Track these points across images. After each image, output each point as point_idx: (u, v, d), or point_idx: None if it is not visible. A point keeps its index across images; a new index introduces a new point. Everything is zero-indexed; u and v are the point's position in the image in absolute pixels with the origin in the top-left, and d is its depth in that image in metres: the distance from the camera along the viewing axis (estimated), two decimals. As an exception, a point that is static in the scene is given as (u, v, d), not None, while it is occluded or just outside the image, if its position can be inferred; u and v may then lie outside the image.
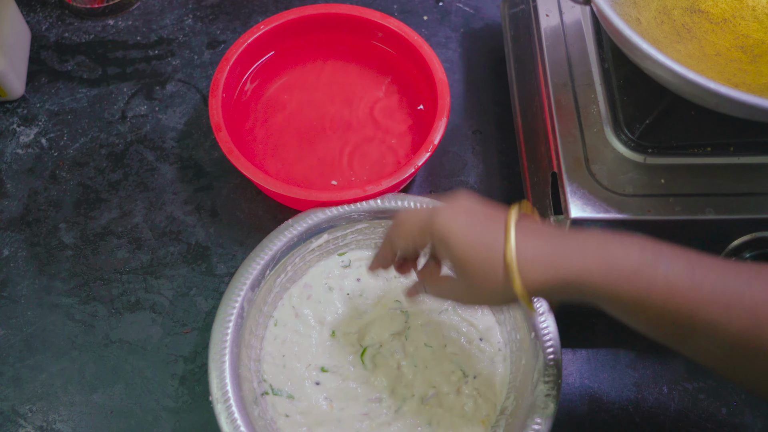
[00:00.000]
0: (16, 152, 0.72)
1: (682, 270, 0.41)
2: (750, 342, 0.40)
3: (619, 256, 0.42)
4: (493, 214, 0.46)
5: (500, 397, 0.59)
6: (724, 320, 0.40)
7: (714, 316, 0.40)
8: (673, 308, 0.41)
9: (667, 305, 0.41)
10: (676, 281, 0.41)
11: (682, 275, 0.41)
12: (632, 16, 0.59)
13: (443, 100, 0.67)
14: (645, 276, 0.41)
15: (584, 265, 0.42)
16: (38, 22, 0.81)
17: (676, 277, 0.41)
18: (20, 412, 0.60)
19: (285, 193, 0.62)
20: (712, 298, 0.40)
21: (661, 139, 0.57)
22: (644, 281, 0.41)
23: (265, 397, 0.59)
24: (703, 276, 0.41)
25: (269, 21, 0.71)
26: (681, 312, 0.41)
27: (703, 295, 0.40)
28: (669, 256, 0.42)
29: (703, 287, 0.40)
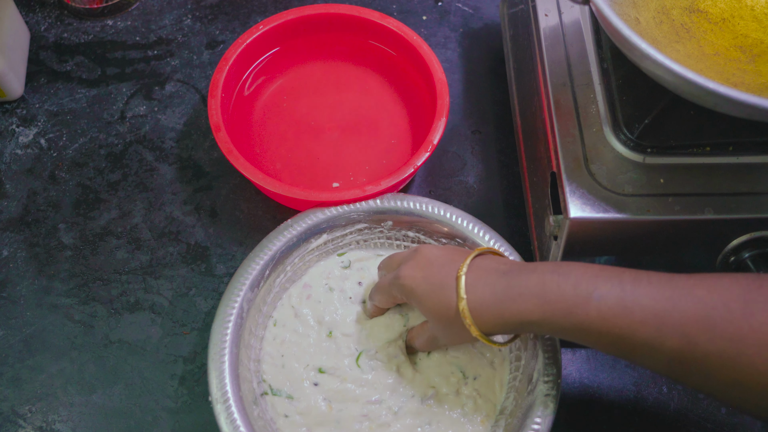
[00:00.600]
0: (15, 153, 0.72)
1: (614, 298, 0.44)
2: (685, 359, 0.42)
3: (555, 295, 0.46)
4: (451, 262, 0.51)
5: (500, 398, 0.59)
6: (657, 341, 0.43)
7: (647, 338, 0.43)
8: (609, 333, 0.44)
9: (603, 332, 0.44)
10: (607, 311, 0.44)
11: (614, 303, 0.44)
12: (631, 15, 0.59)
13: (442, 100, 0.67)
14: (578, 311, 0.45)
15: (526, 308, 0.46)
16: (37, 22, 0.81)
17: (607, 307, 0.44)
18: (20, 413, 0.60)
19: (284, 193, 0.62)
20: (641, 320, 0.43)
21: (661, 139, 0.57)
22: (578, 316, 0.45)
23: (265, 398, 0.59)
24: (635, 300, 0.43)
25: (268, 21, 0.71)
26: (617, 336, 0.44)
27: (633, 319, 0.43)
28: (603, 285, 0.45)
29: (634, 311, 0.43)
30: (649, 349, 0.43)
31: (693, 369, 0.42)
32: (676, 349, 0.42)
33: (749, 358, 0.40)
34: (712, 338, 0.41)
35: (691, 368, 0.42)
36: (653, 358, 0.44)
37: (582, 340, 0.46)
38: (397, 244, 0.66)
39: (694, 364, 0.42)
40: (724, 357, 0.41)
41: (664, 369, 0.44)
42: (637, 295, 0.43)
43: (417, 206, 0.63)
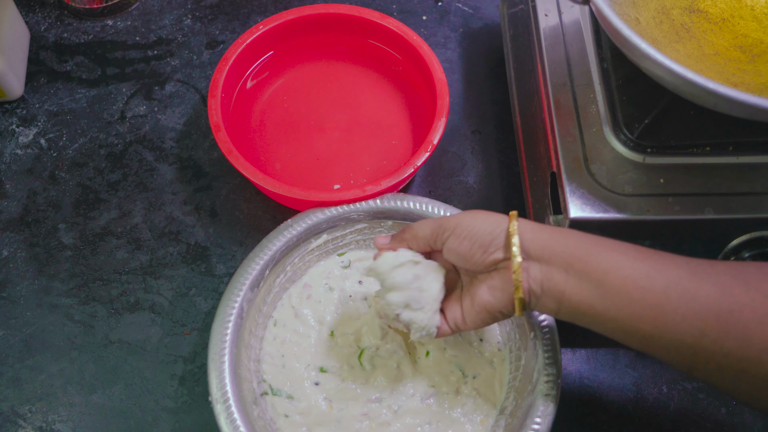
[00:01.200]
0: (15, 153, 0.72)
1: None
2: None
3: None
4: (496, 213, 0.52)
5: (500, 397, 0.59)
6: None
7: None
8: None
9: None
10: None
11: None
12: (631, 15, 0.59)
13: (442, 100, 0.67)
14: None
15: (568, 243, 0.47)
16: (37, 22, 0.81)
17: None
18: (20, 413, 0.60)
19: (284, 193, 0.62)
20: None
21: (660, 139, 0.57)
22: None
23: (265, 398, 0.59)
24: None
25: (268, 21, 0.71)
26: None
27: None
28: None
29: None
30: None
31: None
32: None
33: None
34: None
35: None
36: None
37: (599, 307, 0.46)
38: (397, 244, 0.66)
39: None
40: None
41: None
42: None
43: (417, 206, 0.63)
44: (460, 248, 0.50)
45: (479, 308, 0.51)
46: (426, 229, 0.53)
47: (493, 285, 0.50)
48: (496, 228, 0.49)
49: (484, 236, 0.49)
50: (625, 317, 0.45)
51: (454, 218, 0.51)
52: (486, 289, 0.50)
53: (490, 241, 0.49)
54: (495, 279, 0.50)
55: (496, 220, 0.50)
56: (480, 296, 0.51)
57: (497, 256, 0.49)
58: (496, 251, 0.49)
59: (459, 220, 0.51)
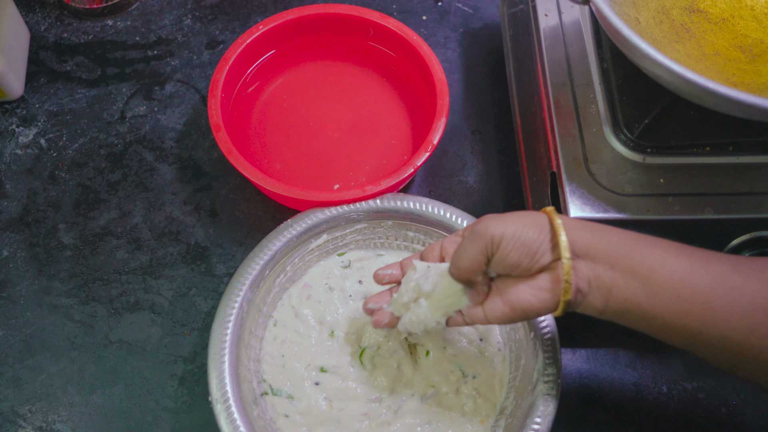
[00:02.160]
0: (15, 153, 0.72)
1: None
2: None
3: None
4: (524, 211, 0.50)
5: (500, 397, 0.59)
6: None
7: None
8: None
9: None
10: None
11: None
12: (631, 15, 0.59)
13: (442, 99, 0.67)
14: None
15: (611, 239, 0.46)
16: (37, 22, 0.81)
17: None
18: (20, 413, 0.60)
19: (284, 193, 0.62)
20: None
21: (660, 139, 0.57)
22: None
23: (265, 398, 0.59)
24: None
25: (268, 21, 0.71)
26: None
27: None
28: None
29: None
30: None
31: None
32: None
33: None
34: None
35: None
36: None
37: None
38: (397, 244, 0.66)
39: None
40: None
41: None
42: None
43: (417, 206, 0.63)
44: (508, 260, 0.47)
45: (514, 308, 0.48)
46: (476, 256, 0.48)
47: (538, 286, 0.47)
48: (540, 233, 0.47)
49: (530, 245, 0.47)
50: (672, 314, 0.44)
51: (496, 229, 0.47)
52: (527, 289, 0.47)
53: (537, 248, 0.47)
54: (541, 280, 0.47)
55: (537, 223, 0.47)
56: (519, 297, 0.48)
57: (545, 260, 0.47)
58: (543, 256, 0.47)
59: (503, 231, 0.47)
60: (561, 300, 0.46)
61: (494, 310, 0.49)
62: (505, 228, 0.47)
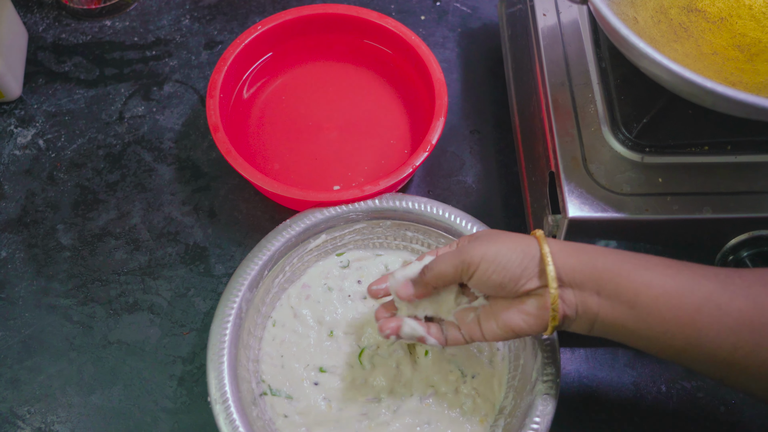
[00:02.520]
0: (13, 153, 0.72)
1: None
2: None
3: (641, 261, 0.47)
4: (516, 233, 0.51)
5: (499, 397, 0.59)
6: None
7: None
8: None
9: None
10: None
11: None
12: (629, 15, 0.59)
13: (441, 99, 0.67)
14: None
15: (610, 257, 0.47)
16: (35, 23, 0.81)
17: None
18: (18, 414, 0.60)
19: (283, 193, 0.62)
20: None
21: (659, 138, 0.57)
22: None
23: (264, 398, 0.59)
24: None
25: (267, 21, 0.71)
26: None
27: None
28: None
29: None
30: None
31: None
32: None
33: None
34: None
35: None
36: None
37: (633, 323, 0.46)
38: (395, 243, 0.66)
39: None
40: None
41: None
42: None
43: (415, 206, 0.63)
44: (490, 282, 0.48)
45: (506, 329, 0.49)
46: (448, 268, 0.50)
47: (526, 311, 0.48)
48: (525, 257, 0.47)
49: (513, 268, 0.47)
50: (659, 335, 0.45)
51: (477, 250, 0.48)
52: (517, 313, 0.49)
53: (521, 272, 0.47)
54: (528, 305, 0.48)
55: (522, 247, 0.48)
56: (510, 320, 0.49)
57: (530, 285, 0.47)
58: (528, 281, 0.47)
59: (483, 253, 0.48)
60: (549, 325, 0.48)
61: (490, 330, 0.51)
62: (485, 251, 0.48)
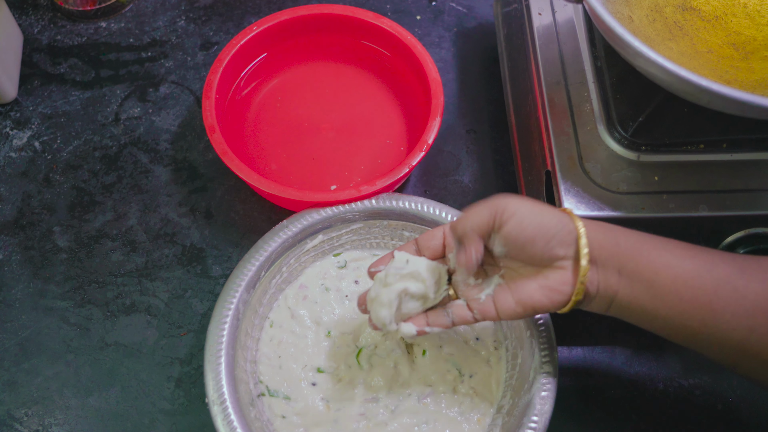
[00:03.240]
0: (9, 156, 0.72)
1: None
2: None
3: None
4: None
5: (497, 396, 0.59)
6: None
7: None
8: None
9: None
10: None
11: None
12: (624, 14, 0.59)
13: (437, 99, 0.67)
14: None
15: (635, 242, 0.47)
16: (30, 24, 0.80)
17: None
18: (16, 416, 0.60)
19: (279, 194, 0.62)
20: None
21: (655, 137, 0.57)
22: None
23: (262, 399, 0.59)
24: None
25: (262, 22, 0.71)
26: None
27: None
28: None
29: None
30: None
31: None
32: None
33: None
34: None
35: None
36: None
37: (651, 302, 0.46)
38: (392, 243, 0.66)
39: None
40: None
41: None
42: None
43: (412, 206, 0.63)
44: (523, 234, 0.47)
45: (525, 306, 0.48)
46: (482, 215, 0.48)
47: (548, 285, 0.47)
48: (559, 223, 0.47)
49: (549, 227, 0.46)
50: (675, 315, 0.45)
51: (512, 201, 0.47)
52: (538, 288, 0.48)
53: (554, 235, 0.46)
54: (551, 279, 0.47)
55: (556, 214, 0.48)
56: (529, 295, 0.48)
57: (559, 252, 0.47)
58: (558, 247, 0.46)
59: (518, 205, 0.47)
60: (572, 300, 0.47)
61: (506, 307, 0.49)
62: (521, 203, 0.48)
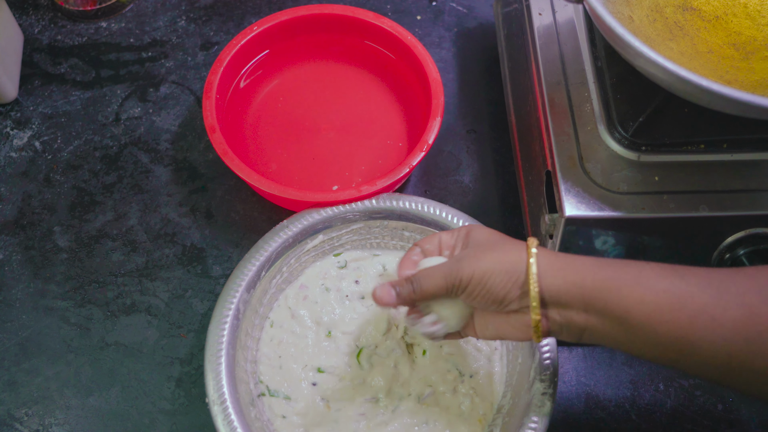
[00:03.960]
0: (9, 156, 0.72)
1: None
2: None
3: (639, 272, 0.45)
4: (509, 239, 0.51)
5: (497, 396, 0.59)
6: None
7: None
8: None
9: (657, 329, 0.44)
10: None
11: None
12: (625, 14, 0.59)
13: (437, 99, 0.67)
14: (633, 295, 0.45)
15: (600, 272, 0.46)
16: (31, 24, 0.80)
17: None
18: (16, 416, 0.60)
19: (279, 194, 0.62)
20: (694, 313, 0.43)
21: (655, 137, 0.57)
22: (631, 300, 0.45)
23: (262, 399, 0.59)
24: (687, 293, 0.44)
25: (262, 22, 0.71)
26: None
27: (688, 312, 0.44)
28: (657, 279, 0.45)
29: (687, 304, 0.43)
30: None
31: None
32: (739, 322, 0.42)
33: None
34: None
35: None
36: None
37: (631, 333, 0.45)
38: (393, 243, 0.66)
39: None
40: None
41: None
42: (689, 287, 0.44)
43: (413, 206, 0.63)
44: (477, 302, 0.49)
45: (496, 335, 0.50)
46: (439, 288, 0.50)
47: (512, 325, 0.49)
48: (510, 279, 0.47)
49: (498, 291, 0.48)
50: (650, 348, 0.44)
51: (467, 269, 0.48)
52: (505, 326, 0.49)
53: (505, 295, 0.47)
54: (514, 320, 0.49)
55: (507, 266, 0.47)
56: (499, 328, 0.50)
57: (513, 307, 0.48)
58: (511, 303, 0.48)
59: (472, 272, 0.48)
60: (533, 338, 0.48)
61: (483, 331, 0.51)
62: (475, 269, 0.48)
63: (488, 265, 0.48)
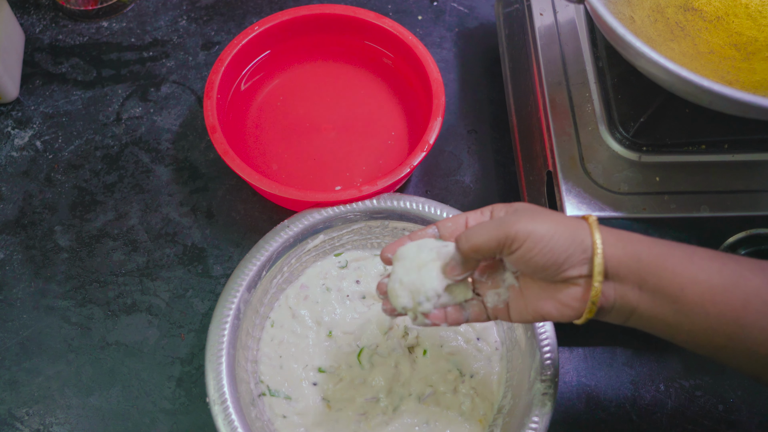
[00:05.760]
0: (10, 155, 0.72)
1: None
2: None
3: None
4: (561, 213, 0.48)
5: (497, 396, 0.59)
6: None
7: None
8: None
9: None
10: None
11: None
12: (626, 14, 0.59)
13: (438, 99, 0.67)
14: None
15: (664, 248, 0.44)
16: (32, 24, 0.80)
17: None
18: (17, 416, 0.60)
19: (280, 193, 0.62)
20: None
21: (656, 137, 0.57)
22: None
23: (263, 398, 0.59)
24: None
25: (264, 22, 0.71)
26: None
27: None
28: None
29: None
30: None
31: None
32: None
33: None
34: None
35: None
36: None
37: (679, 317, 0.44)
38: (393, 244, 0.66)
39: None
40: None
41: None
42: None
43: (413, 206, 0.63)
44: (532, 262, 0.44)
45: (536, 315, 0.47)
46: (490, 240, 0.45)
47: (560, 299, 0.46)
48: (573, 242, 0.44)
49: (560, 252, 0.44)
50: (700, 330, 0.43)
51: (524, 226, 0.44)
52: (551, 302, 0.46)
53: (566, 258, 0.44)
54: (564, 295, 0.45)
55: (571, 230, 0.44)
56: (542, 307, 0.46)
57: (572, 273, 0.44)
58: (571, 268, 0.44)
59: (530, 230, 0.44)
60: (583, 316, 0.45)
61: (518, 312, 0.48)
62: (534, 228, 0.44)
63: (549, 225, 0.44)
